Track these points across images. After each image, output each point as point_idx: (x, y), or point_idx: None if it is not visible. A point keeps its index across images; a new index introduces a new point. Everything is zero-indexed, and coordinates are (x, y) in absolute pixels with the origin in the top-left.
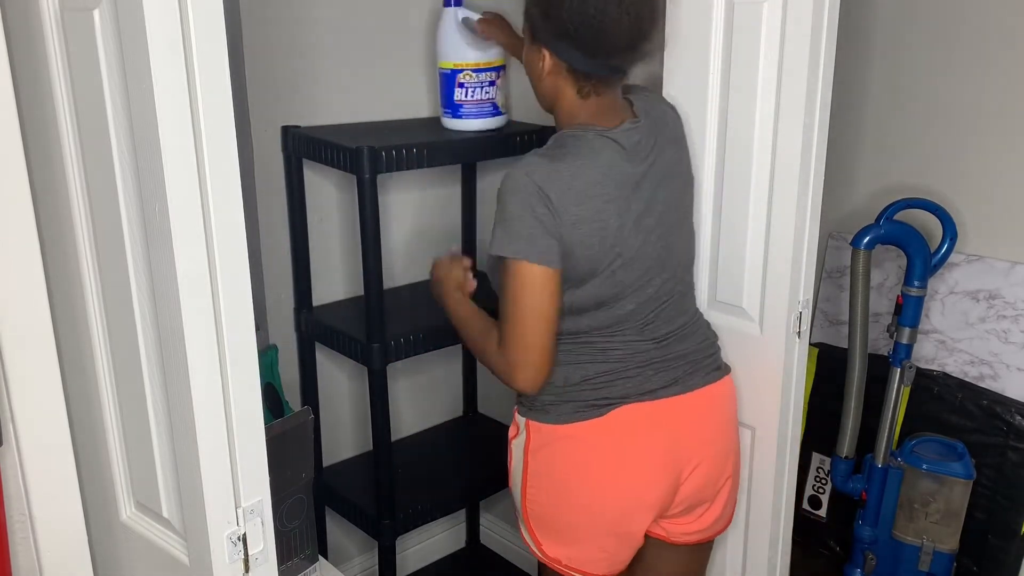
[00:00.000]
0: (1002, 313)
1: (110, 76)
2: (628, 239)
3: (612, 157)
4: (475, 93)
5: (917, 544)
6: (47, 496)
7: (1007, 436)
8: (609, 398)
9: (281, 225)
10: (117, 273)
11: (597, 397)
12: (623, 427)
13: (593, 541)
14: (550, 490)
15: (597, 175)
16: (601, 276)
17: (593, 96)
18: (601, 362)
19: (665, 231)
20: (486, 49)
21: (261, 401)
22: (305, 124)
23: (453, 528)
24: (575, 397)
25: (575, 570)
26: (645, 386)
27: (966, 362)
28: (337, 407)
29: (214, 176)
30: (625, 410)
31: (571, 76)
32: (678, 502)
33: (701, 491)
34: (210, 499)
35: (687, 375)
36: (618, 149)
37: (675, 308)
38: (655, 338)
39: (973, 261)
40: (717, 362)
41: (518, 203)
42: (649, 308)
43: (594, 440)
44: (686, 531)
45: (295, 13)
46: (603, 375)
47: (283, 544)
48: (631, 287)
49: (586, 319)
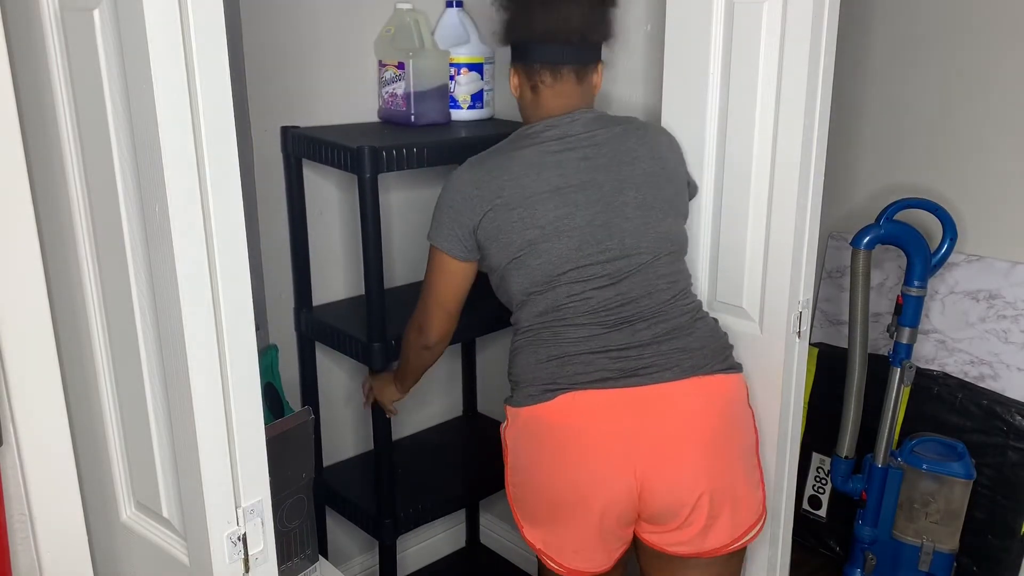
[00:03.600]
0: (1002, 313)
1: (110, 76)
2: (539, 208)
3: (532, 140)
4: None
5: (917, 544)
6: (47, 496)
7: (1007, 436)
8: (558, 383)
9: (281, 225)
10: (117, 273)
11: (549, 381)
12: (572, 412)
13: (558, 526)
14: (520, 470)
15: (505, 159)
16: (520, 259)
17: (543, 88)
18: (552, 346)
19: (607, 214)
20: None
21: (261, 401)
22: (305, 124)
23: (453, 528)
24: (533, 381)
25: (551, 559)
26: (596, 374)
27: (966, 362)
28: (337, 407)
29: (214, 176)
30: (574, 396)
31: (525, 76)
32: (648, 504)
33: (665, 497)
34: (210, 499)
35: (656, 369)
36: (549, 134)
37: (639, 296)
38: (608, 324)
39: (973, 261)
40: (702, 361)
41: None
42: (596, 294)
43: (546, 424)
44: (673, 541)
45: (295, 13)
46: (554, 360)
47: (283, 544)
48: (560, 268)
49: (529, 308)
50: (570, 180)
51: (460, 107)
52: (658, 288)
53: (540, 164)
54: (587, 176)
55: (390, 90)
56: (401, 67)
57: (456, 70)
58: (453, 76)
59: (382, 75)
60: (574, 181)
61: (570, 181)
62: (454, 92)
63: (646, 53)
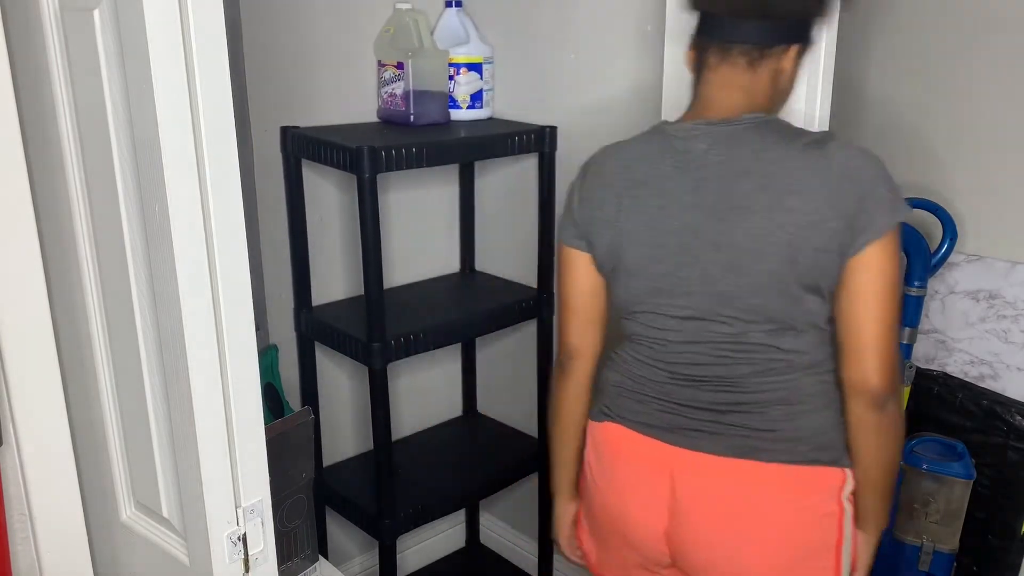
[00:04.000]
0: (1002, 313)
1: (110, 76)
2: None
3: (648, 150)
4: (465, 87)
5: (917, 544)
6: (47, 496)
7: (1007, 436)
8: (611, 410)
9: (281, 225)
10: (117, 273)
11: (607, 404)
12: (614, 443)
13: (599, 542)
14: (582, 473)
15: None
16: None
17: (705, 72)
18: (620, 374)
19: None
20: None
21: (261, 401)
22: (305, 124)
23: (453, 528)
24: (601, 398)
25: (593, 568)
26: (644, 417)
27: (966, 362)
28: (337, 407)
29: (214, 176)
30: (619, 428)
31: (696, 50)
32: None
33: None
34: (210, 499)
35: (702, 436)
36: (666, 146)
37: (711, 363)
38: (675, 376)
39: (973, 261)
40: (765, 445)
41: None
42: (670, 346)
43: (599, 441)
44: None
45: (295, 13)
46: (616, 387)
47: (283, 544)
48: (636, 301)
49: (620, 327)
50: (666, 222)
51: (459, 107)
52: (736, 360)
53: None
54: (688, 218)
55: (389, 90)
56: (400, 67)
57: (455, 70)
58: (452, 76)
59: (381, 75)
60: (671, 224)
61: (666, 223)
62: (453, 92)
63: (646, 53)
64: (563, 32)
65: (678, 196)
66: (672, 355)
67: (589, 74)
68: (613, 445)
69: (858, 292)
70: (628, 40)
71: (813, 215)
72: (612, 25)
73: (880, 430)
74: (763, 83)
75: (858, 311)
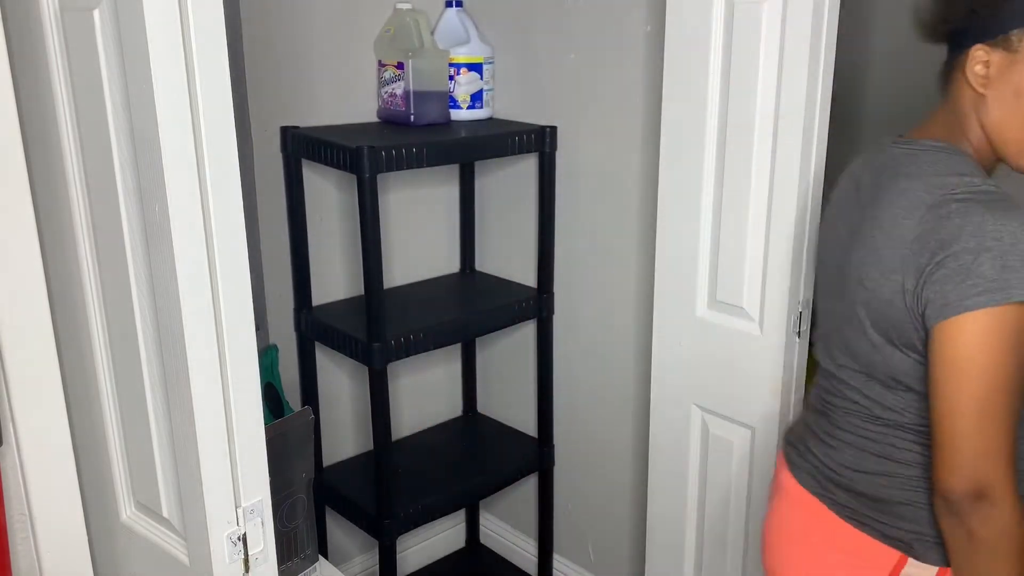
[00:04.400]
0: None
1: (110, 76)
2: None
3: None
4: (466, 87)
5: None
6: (47, 496)
7: None
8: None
9: (281, 225)
10: (117, 273)
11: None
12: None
13: None
14: None
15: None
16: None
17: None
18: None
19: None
20: (473, 45)
21: (261, 401)
22: (305, 124)
23: (453, 528)
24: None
25: None
26: (788, 435)
27: None
28: (337, 407)
29: (214, 176)
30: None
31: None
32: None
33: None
34: (210, 499)
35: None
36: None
37: (829, 398)
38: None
39: None
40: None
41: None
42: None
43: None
44: None
45: (295, 13)
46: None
47: (283, 544)
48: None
49: None
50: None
51: (460, 107)
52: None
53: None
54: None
55: (389, 90)
56: (401, 67)
57: (456, 70)
58: (453, 76)
59: (381, 75)
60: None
61: (829, 258)
62: (454, 92)
63: (646, 53)
64: (563, 32)
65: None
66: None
67: (589, 74)
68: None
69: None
70: (628, 40)
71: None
72: (612, 25)
73: (954, 541)
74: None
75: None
